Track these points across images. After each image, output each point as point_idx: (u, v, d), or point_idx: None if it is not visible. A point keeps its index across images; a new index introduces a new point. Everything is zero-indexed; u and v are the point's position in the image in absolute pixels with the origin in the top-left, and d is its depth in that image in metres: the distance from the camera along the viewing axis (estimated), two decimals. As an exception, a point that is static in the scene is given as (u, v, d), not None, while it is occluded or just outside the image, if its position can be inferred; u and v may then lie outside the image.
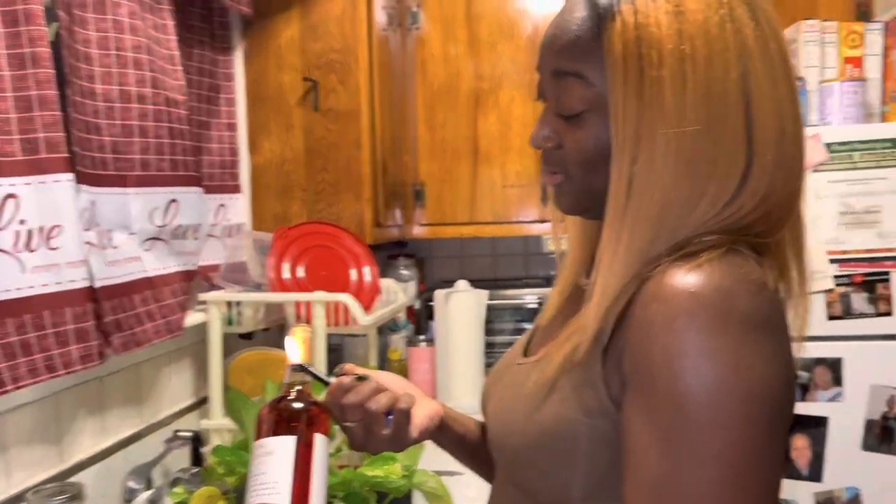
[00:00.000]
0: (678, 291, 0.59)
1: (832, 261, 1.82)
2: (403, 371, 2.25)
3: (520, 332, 2.48)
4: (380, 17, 1.91)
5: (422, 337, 2.26)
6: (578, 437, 0.64)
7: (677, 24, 0.62)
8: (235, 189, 1.77)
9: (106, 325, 1.21)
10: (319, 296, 1.55)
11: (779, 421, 0.59)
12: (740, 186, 0.64)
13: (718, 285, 0.58)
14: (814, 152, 1.83)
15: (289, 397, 0.74)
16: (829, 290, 1.83)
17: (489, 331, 2.36)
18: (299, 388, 0.75)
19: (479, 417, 0.86)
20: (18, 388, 1.03)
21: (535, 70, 0.73)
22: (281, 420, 0.72)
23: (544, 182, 0.73)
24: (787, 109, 0.65)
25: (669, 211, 0.63)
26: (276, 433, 0.71)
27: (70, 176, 1.11)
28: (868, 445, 1.82)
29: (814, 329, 1.99)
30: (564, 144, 0.69)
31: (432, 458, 1.15)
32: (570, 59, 0.66)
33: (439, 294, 2.22)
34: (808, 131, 1.84)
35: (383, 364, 2.29)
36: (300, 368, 0.76)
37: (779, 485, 0.60)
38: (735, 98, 0.62)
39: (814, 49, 1.95)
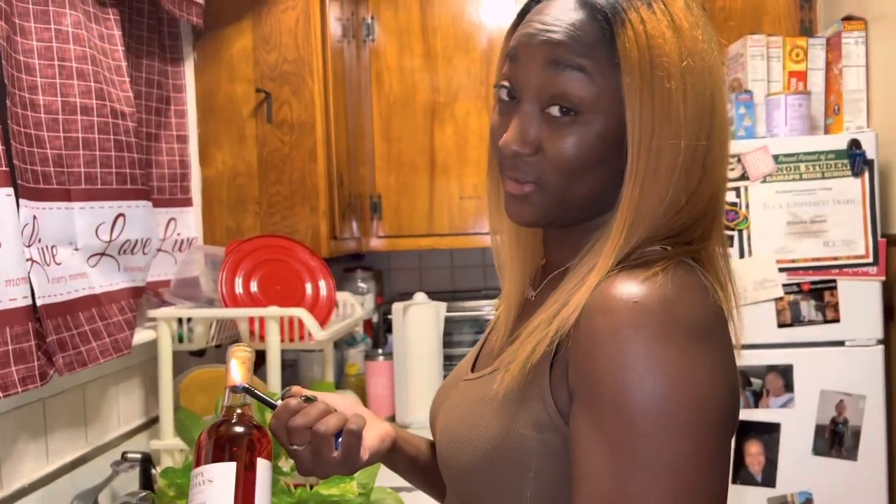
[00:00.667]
0: (622, 302, 0.59)
1: (781, 269, 1.87)
2: (361, 385, 2.23)
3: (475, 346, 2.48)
4: (334, 28, 1.90)
5: (380, 351, 2.24)
6: (527, 451, 0.64)
7: (678, 39, 0.63)
8: (186, 202, 1.73)
9: (49, 344, 1.17)
10: (273, 311, 1.52)
11: (725, 429, 0.60)
12: (693, 194, 0.65)
13: (663, 295, 0.59)
14: (762, 163, 1.87)
15: (229, 421, 0.72)
16: (780, 298, 1.87)
17: (448, 343, 2.35)
18: (240, 411, 0.73)
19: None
20: (-47, 412, 0.98)
21: (503, 67, 0.69)
22: (221, 445, 0.70)
23: (508, 191, 0.69)
24: (726, 118, 0.68)
25: (653, 220, 0.64)
26: (216, 459, 0.69)
27: (9, 190, 1.07)
28: (818, 450, 1.86)
29: (765, 336, 2.04)
30: (545, 149, 0.65)
31: (389, 474, 1.14)
32: (573, 53, 0.63)
33: (397, 307, 2.20)
34: (756, 143, 1.89)
35: (340, 379, 2.26)
36: (241, 390, 0.74)
37: (727, 491, 0.61)
38: (709, 114, 0.65)
39: (760, 63, 2.01)
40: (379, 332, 2.49)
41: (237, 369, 0.74)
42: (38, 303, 1.15)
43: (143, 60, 1.59)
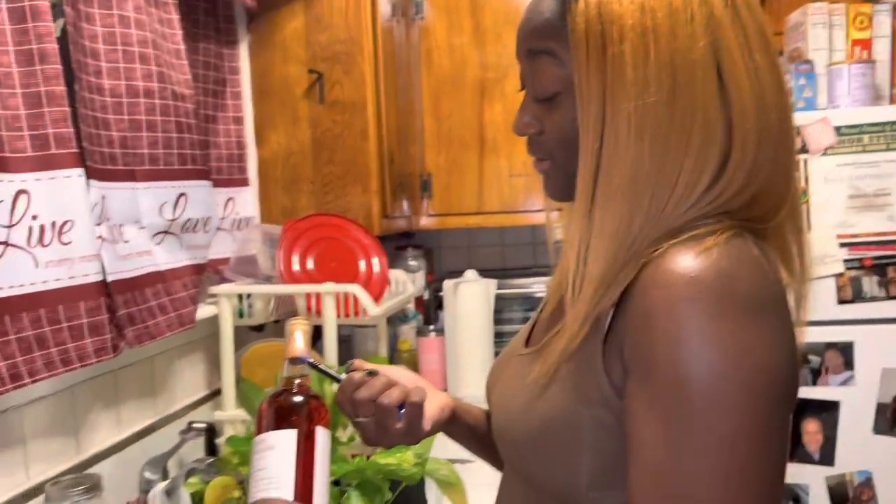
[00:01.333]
0: (678, 276, 0.58)
1: (842, 244, 1.82)
2: (413, 361, 2.26)
3: (528, 321, 2.49)
4: (384, 7, 1.91)
5: (431, 327, 2.27)
6: (581, 426, 0.64)
7: (639, 1, 0.61)
8: (243, 182, 1.77)
9: (119, 318, 1.22)
10: (329, 287, 1.55)
11: (783, 405, 0.59)
12: (723, 160, 0.63)
13: (719, 269, 0.58)
14: (823, 135, 1.82)
15: (289, 391, 0.74)
16: (839, 274, 1.82)
17: (498, 320, 2.37)
18: (298, 381, 0.75)
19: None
20: (35, 381, 1.04)
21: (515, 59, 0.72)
22: (282, 414, 0.73)
23: (535, 167, 0.73)
24: (767, 78, 0.64)
25: (641, 188, 0.62)
26: (276, 427, 0.72)
27: (80, 171, 1.12)
28: (879, 429, 1.82)
29: (824, 313, 2.00)
30: (545, 129, 0.69)
31: (444, 446, 1.16)
32: (540, 38, 0.67)
33: (448, 284, 2.22)
34: (817, 115, 1.83)
35: (393, 354, 2.30)
36: (305, 363, 0.76)
37: (784, 469, 0.60)
38: (704, 68, 0.61)
39: (821, 32, 1.94)
40: (430, 309, 2.52)
41: (299, 341, 0.77)
42: (109, 279, 1.20)
43: (200, 44, 1.63)
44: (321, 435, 0.73)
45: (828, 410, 1.83)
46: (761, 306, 0.58)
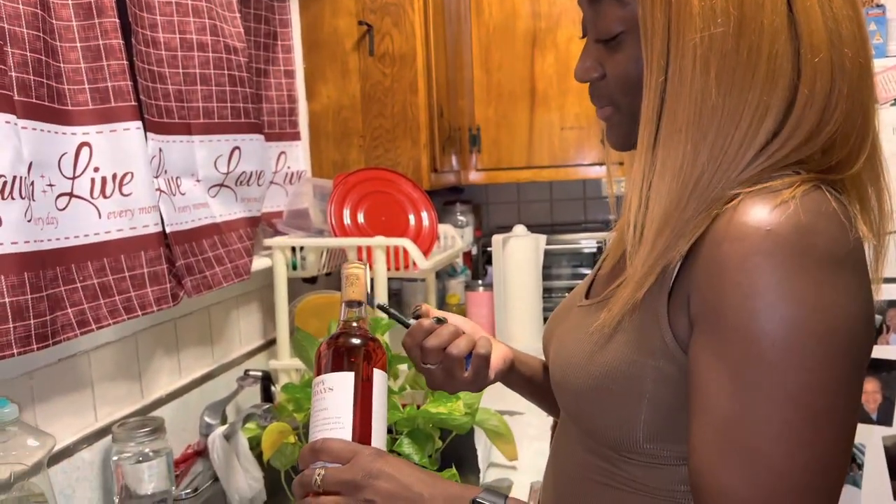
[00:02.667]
0: (753, 229, 0.56)
1: (909, 199, 1.74)
2: (462, 315, 2.28)
3: (577, 276, 2.47)
4: (434, -44, 1.87)
5: (480, 282, 2.28)
6: (642, 378, 0.64)
7: None
8: (295, 136, 1.79)
9: (178, 268, 1.26)
10: (379, 240, 1.57)
11: (857, 362, 0.57)
12: (791, 96, 0.60)
13: (797, 222, 0.56)
14: (893, 84, 1.73)
15: (347, 333, 0.75)
16: (906, 230, 1.75)
17: (547, 276, 2.36)
18: (356, 324, 0.76)
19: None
20: (101, 327, 1.08)
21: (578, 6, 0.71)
22: (340, 355, 0.74)
23: (598, 116, 0.72)
24: (842, 12, 0.61)
25: (706, 122, 0.60)
26: (335, 369, 0.73)
27: (139, 124, 1.14)
28: (941, 389, 1.76)
29: (889, 270, 1.92)
30: (607, 72, 0.68)
31: (494, 397, 1.17)
32: None
33: (497, 239, 2.22)
34: (888, 62, 1.74)
35: (442, 308, 2.32)
36: (358, 305, 0.77)
37: (854, 427, 0.59)
38: (774, 6, 0.59)
39: None
40: (478, 264, 2.52)
41: (357, 285, 0.77)
42: (167, 230, 1.24)
43: (251, -4, 1.63)
44: (378, 377, 0.74)
45: (888, 370, 1.79)
46: (839, 262, 0.57)
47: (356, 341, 0.75)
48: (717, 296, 0.57)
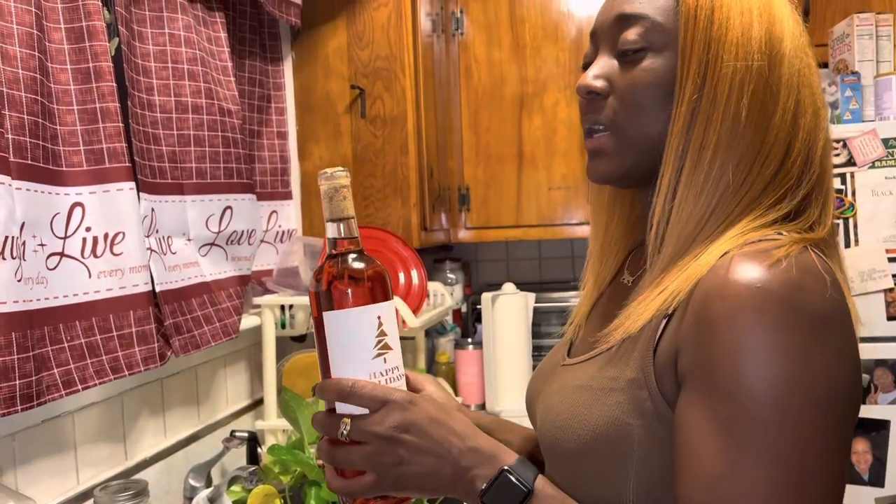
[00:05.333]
0: (743, 286, 0.57)
1: (891, 259, 1.77)
2: (451, 374, 2.27)
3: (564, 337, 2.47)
4: (424, 23, 1.94)
5: (469, 340, 2.27)
6: (631, 440, 0.63)
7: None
8: (287, 196, 1.81)
9: (166, 328, 1.26)
10: (369, 299, 1.57)
11: (845, 422, 0.58)
12: (788, 146, 0.65)
13: (787, 280, 0.57)
14: (869, 148, 1.78)
15: (351, 257, 0.68)
16: (889, 290, 1.78)
17: (536, 334, 2.36)
18: (353, 248, 0.69)
19: (525, 419, 0.86)
20: (86, 388, 1.07)
21: (589, 36, 0.74)
22: (359, 285, 0.67)
23: (587, 148, 0.72)
24: (818, 85, 0.68)
25: (736, 144, 0.64)
26: (357, 302, 0.67)
27: (132, 184, 1.16)
28: (932, 449, 1.76)
29: (873, 329, 1.93)
30: (615, 86, 0.69)
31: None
32: (634, 4, 0.69)
33: (486, 297, 2.22)
34: (864, 126, 1.80)
35: (432, 366, 2.31)
36: (347, 220, 0.70)
37: (842, 486, 0.59)
38: (789, 62, 0.65)
39: (868, 43, 1.91)
40: (468, 322, 2.52)
41: (349, 195, 0.70)
42: (157, 289, 1.24)
43: (246, 61, 1.68)
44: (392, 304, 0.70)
45: (877, 430, 1.78)
46: (828, 320, 0.57)
47: (365, 265, 0.68)
48: (706, 353, 0.58)
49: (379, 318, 0.68)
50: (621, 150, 0.69)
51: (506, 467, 0.64)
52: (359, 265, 0.68)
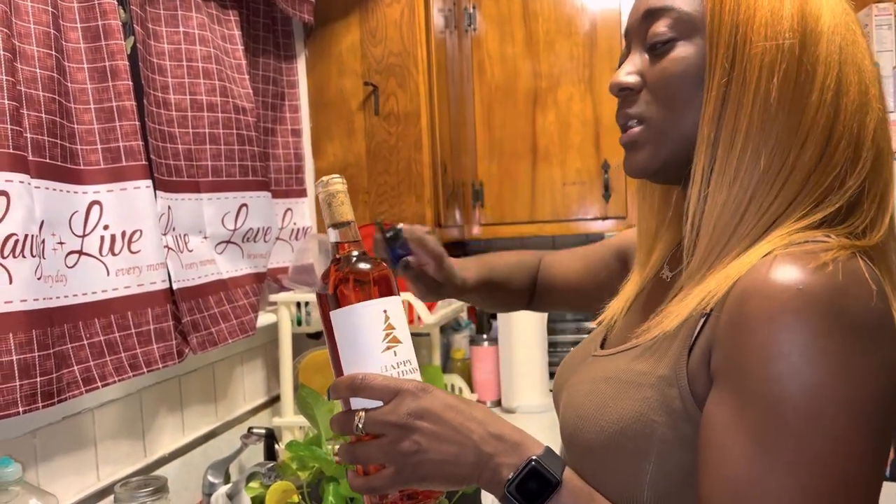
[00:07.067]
0: (783, 288, 0.55)
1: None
2: (467, 370, 2.26)
3: (582, 330, 2.46)
4: (437, 19, 1.93)
5: (484, 336, 2.27)
6: (654, 438, 0.62)
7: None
8: (301, 193, 1.81)
9: (184, 325, 1.26)
10: (384, 295, 1.57)
11: (881, 433, 0.56)
12: (830, 129, 0.62)
13: (831, 284, 0.55)
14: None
15: (357, 260, 0.70)
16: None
17: (551, 330, 2.35)
18: (355, 251, 0.71)
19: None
20: (106, 385, 1.08)
21: (623, 38, 0.74)
22: (362, 284, 0.68)
23: (621, 143, 0.71)
24: (873, 72, 0.65)
25: (768, 128, 0.62)
26: (362, 299, 0.67)
27: (148, 182, 1.16)
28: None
29: None
30: (647, 80, 0.68)
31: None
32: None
33: (501, 293, 2.22)
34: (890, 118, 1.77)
35: (447, 363, 2.31)
36: (347, 224, 0.72)
37: (875, 498, 0.57)
38: (828, 38, 0.63)
39: (887, 33, 1.88)
40: (483, 318, 2.52)
41: (347, 201, 0.73)
42: (174, 287, 1.24)
43: (260, 58, 1.68)
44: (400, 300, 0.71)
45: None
46: (870, 329, 0.55)
47: (369, 266, 0.70)
48: (740, 353, 0.56)
49: (385, 311, 0.68)
50: (655, 141, 0.68)
51: (534, 457, 0.62)
52: (362, 265, 0.70)
